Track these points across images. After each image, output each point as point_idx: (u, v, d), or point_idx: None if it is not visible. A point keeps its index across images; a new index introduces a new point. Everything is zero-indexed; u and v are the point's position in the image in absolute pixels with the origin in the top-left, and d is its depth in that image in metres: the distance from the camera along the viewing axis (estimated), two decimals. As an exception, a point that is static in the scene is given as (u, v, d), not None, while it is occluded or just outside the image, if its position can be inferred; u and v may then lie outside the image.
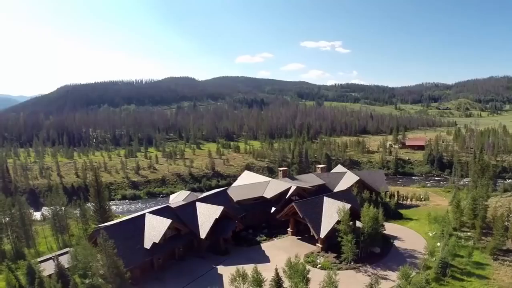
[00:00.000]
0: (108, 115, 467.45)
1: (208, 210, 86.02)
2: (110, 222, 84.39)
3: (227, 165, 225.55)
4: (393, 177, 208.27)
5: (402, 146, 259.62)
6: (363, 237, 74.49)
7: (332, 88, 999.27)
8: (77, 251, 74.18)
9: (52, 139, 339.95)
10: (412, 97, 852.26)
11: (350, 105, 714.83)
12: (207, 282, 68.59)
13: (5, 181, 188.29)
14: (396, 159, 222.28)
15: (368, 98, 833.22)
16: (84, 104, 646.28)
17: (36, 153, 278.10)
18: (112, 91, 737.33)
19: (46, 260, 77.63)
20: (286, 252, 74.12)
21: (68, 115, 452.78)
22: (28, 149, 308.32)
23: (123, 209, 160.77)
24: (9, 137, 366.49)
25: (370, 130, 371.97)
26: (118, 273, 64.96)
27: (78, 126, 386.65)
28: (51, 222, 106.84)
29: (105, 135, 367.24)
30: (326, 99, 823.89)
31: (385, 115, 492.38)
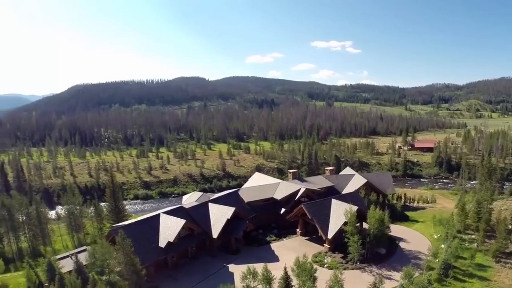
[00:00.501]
0: (119, 115, 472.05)
1: (220, 211, 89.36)
2: (126, 222, 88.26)
3: (238, 166, 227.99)
4: (401, 179, 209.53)
5: (411, 148, 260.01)
6: (369, 238, 77.30)
7: (343, 89, 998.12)
8: (95, 249, 77.57)
9: (64, 139, 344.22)
10: (423, 97, 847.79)
11: (360, 106, 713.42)
12: (218, 280, 71.11)
13: (20, 180, 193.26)
14: (404, 161, 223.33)
15: (379, 99, 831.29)
16: (96, 104, 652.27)
17: (49, 153, 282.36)
18: (123, 91, 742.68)
19: (64, 258, 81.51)
20: (295, 252, 76.91)
21: (80, 115, 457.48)
22: (41, 148, 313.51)
23: (136, 209, 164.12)
24: (22, 136, 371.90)
25: (379, 132, 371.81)
26: (135, 271, 68.44)
27: (90, 126, 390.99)
28: (67, 221, 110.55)
29: (117, 135, 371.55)
30: (336, 99, 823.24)
31: (395, 116, 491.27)
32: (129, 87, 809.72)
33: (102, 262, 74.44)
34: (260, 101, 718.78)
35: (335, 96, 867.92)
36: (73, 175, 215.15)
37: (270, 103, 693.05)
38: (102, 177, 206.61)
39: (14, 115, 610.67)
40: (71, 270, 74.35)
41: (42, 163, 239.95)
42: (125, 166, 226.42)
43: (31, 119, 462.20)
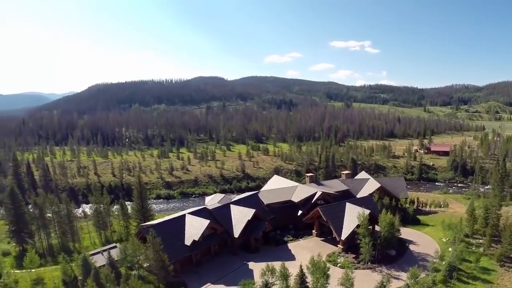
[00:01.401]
0: (139, 114, 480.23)
1: (241, 212, 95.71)
2: (155, 221, 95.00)
3: (257, 167, 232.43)
4: (417, 182, 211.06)
5: (427, 151, 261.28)
6: (380, 240, 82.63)
7: (361, 89, 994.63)
8: (126, 246, 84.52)
9: (86, 138, 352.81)
10: (442, 99, 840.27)
11: (379, 107, 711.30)
12: (239, 276, 77.11)
13: (46, 179, 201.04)
14: (420, 165, 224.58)
15: (397, 100, 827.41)
16: (116, 103, 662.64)
17: (72, 152, 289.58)
18: (142, 91, 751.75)
19: (96, 254, 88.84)
20: (310, 252, 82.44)
21: (101, 115, 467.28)
22: (64, 147, 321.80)
23: (159, 208, 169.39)
24: (44, 135, 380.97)
25: (397, 134, 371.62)
26: (163, 266, 75.28)
27: (111, 126, 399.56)
28: (94, 219, 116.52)
29: (138, 135, 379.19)
30: (355, 100, 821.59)
31: (412, 118, 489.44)
32: (148, 86, 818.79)
33: (132, 258, 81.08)
34: (279, 101, 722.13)
35: (353, 96, 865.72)
36: (97, 174, 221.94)
37: (289, 104, 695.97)
38: (126, 177, 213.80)
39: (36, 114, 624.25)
40: (103, 265, 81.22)
41: (66, 162, 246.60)
42: (147, 166, 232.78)
43: (53, 118, 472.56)
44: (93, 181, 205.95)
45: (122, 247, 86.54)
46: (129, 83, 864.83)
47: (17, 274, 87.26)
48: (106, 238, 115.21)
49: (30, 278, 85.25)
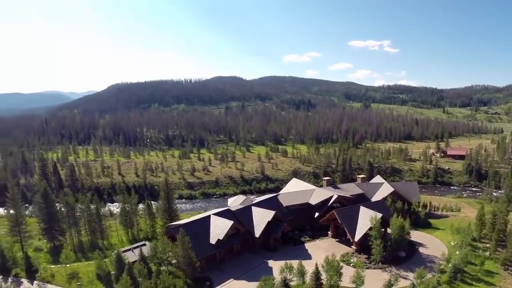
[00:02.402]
0: (160, 115, 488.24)
1: (262, 214, 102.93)
2: (183, 221, 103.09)
3: (276, 169, 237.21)
4: (432, 186, 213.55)
5: (443, 155, 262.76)
6: (390, 242, 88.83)
7: (380, 89, 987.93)
8: (157, 244, 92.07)
9: (108, 138, 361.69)
10: (461, 100, 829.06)
11: (397, 108, 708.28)
12: (259, 273, 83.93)
13: (73, 179, 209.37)
14: (436, 169, 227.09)
15: (416, 101, 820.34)
16: (135, 103, 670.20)
17: (94, 152, 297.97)
18: (162, 91, 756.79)
19: (127, 251, 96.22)
20: (326, 251, 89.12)
21: (123, 115, 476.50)
22: (86, 147, 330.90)
23: (181, 208, 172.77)
24: (67, 135, 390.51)
25: (414, 136, 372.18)
26: (191, 263, 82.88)
27: (133, 126, 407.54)
28: (122, 218, 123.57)
29: (159, 135, 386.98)
30: (373, 100, 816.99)
31: (431, 120, 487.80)
32: (168, 86, 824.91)
33: (162, 255, 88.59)
34: (297, 102, 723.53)
35: (372, 97, 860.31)
36: (121, 174, 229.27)
37: (307, 104, 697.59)
38: (149, 177, 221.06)
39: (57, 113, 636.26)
40: (135, 261, 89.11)
41: (90, 162, 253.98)
42: (169, 166, 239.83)
43: (75, 118, 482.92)
44: (117, 181, 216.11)
45: (152, 245, 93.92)
46: (148, 83, 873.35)
47: (52, 269, 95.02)
48: (133, 236, 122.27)
49: (65, 272, 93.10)
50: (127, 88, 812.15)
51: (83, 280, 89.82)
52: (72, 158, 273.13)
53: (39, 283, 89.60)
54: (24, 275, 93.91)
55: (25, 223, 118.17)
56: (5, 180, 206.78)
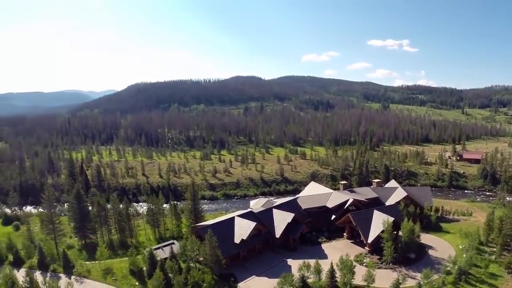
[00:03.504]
0: (180, 115, 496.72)
1: (282, 215, 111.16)
2: (209, 222, 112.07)
3: (294, 171, 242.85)
4: (446, 190, 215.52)
5: (459, 158, 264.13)
6: (401, 244, 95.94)
7: (399, 90, 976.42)
8: (186, 243, 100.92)
9: (130, 139, 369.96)
10: (480, 100, 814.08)
11: (416, 109, 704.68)
12: (279, 270, 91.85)
13: (99, 179, 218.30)
14: (451, 172, 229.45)
15: (435, 101, 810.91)
16: (155, 103, 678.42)
17: (117, 152, 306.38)
18: (181, 91, 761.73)
19: (157, 249, 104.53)
20: (341, 252, 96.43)
21: (145, 116, 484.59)
22: (109, 147, 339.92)
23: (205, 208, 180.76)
24: (89, 135, 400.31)
25: (432, 139, 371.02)
26: (217, 260, 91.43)
27: (154, 127, 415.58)
28: (149, 218, 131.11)
29: (180, 136, 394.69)
30: (392, 101, 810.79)
31: (448, 122, 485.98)
32: (187, 86, 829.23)
33: (190, 253, 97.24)
34: (316, 102, 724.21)
35: (391, 97, 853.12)
36: (145, 175, 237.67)
37: (326, 105, 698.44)
38: (172, 178, 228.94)
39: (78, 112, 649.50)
40: (166, 258, 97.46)
41: (114, 162, 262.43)
42: (191, 168, 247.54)
43: (97, 118, 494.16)
44: (142, 181, 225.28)
45: (182, 244, 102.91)
46: (167, 82, 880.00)
47: (87, 265, 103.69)
48: (159, 235, 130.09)
49: (100, 268, 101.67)
50: (147, 88, 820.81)
51: (117, 275, 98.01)
52: (96, 158, 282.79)
53: (76, 278, 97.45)
54: (61, 270, 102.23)
55: (58, 222, 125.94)
56: (33, 180, 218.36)
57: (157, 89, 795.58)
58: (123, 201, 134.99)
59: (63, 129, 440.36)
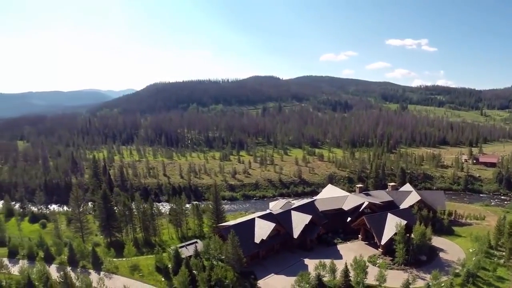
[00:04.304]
0: (200, 116, 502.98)
1: (300, 217, 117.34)
2: (231, 222, 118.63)
3: (312, 173, 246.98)
4: (462, 193, 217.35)
5: (475, 162, 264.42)
6: (412, 246, 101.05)
7: (417, 90, 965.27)
8: (209, 242, 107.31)
9: (150, 139, 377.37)
10: (500, 101, 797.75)
11: (434, 110, 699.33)
12: (297, 269, 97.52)
13: (123, 179, 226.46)
14: (466, 176, 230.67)
15: (454, 102, 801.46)
16: (174, 103, 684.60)
17: (138, 152, 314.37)
18: (199, 91, 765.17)
19: (181, 247, 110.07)
20: (355, 253, 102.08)
21: (164, 116, 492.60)
22: (130, 147, 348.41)
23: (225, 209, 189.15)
24: (110, 135, 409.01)
25: (449, 141, 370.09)
26: (239, 259, 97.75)
27: (174, 127, 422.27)
28: (172, 218, 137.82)
29: (199, 137, 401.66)
30: (410, 101, 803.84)
31: (466, 124, 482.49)
32: (205, 86, 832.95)
33: (213, 251, 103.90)
34: (334, 103, 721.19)
35: (409, 98, 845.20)
36: (166, 175, 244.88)
37: (344, 105, 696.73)
38: (193, 179, 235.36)
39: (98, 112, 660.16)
40: (190, 256, 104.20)
41: (135, 162, 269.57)
42: (211, 168, 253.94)
43: (117, 118, 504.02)
44: (163, 182, 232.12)
45: (205, 243, 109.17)
46: (186, 82, 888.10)
47: (115, 262, 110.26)
48: (182, 234, 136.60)
49: (127, 265, 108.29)
50: (166, 88, 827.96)
51: (144, 271, 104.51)
52: (117, 158, 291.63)
53: (105, 274, 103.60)
54: (90, 266, 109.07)
55: (86, 220, 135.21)
56: (57, 179, 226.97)
57: (176, 89, 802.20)
58: (147, 201, 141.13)
59: (84, 129, 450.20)
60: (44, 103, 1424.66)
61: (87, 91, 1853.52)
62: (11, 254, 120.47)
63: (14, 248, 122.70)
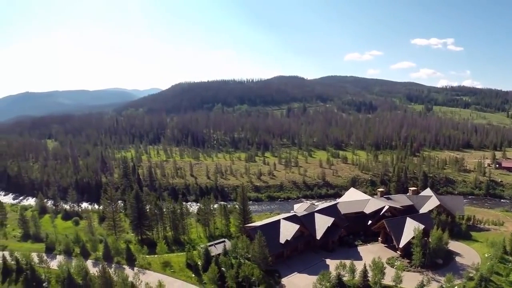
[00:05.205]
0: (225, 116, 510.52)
1: (323, 219, 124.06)
2: (258, 223, 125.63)
3: (336, 176, 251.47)
4: (483, 198, 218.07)
5: (498, 166, 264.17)
6: (429, 250, 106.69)
7: (442, 91, 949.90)
8: (237, 242, 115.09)
9: (177, 139, 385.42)
10: None
11: (460, 111, 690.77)
12: (319, 268, 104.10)
13: (151, 179, 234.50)
14: (488, 181, 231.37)
15: (480, 104, 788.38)
16: (199, 103, 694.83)
17: (164, 152, 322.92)
18: (224, 91, 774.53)
19: (210, 246, 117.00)
20: (374, 254, 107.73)
21: (190, 116, 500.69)
22: (156, 147, 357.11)
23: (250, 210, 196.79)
24: (137, 134, 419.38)
25: (473, 145, 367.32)
26: (265, 258, 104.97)
27: (200, 127, 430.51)
28: (200, 217, 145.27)
29: (225, 137, 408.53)
30: (435, 103, 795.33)
31: (491, 126, 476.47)
32: (230, 86, 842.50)
33: (241, 250, 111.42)
34: (358, 104, 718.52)
35: (434, 99, 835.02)
36: (193, 176, 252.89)
37: (368, 106, 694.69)
38: (219, 180, 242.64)
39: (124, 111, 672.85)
40: (219, 254, 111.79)
41: (162, 162, 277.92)
42: (237, 170, 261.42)
43: (143, 118, 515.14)
44: (191, 182, 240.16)
45: (233, 242, 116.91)
46: (211, 82, 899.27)
47: (148, 258, 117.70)
48: (209, 233, 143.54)
49: (159, 261, 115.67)
50: (191, 88, 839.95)
51: (175, 268, 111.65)
52: (145, 158, 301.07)
53: (138, 269, 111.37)
54: (124, 262, 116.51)
55: (119, 219, 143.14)
56: (88, 178, 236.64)
57: (201, 89, 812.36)
58: (177, 201, 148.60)
59: (111, 128, 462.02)
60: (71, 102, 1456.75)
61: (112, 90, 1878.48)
62: (48, 250, 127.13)
63: (51, 244, 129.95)
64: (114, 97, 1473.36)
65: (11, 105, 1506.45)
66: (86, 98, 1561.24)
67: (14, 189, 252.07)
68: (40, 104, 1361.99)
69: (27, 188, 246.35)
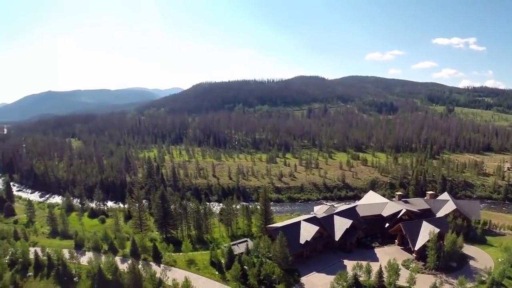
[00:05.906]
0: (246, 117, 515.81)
1: (342, 221, 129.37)
2: (280, 224, 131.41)
3: (355, 178, 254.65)
4: (501, 202, 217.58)
5: None
6: (443, 253, 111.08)
7: (464, 92, 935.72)
8: (259, 242, 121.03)
9: (198, 139, 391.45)
10: None
11: (481, 113, 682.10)
12: (336, 268, 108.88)
13: (175, 179, 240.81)
14: (507, 185, 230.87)
15: (502, 105, 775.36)
16: (220, 103, 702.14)
17: (187, 152, 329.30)
18: (245, 91, 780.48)
19: (233, 245, 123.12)
20: (390, 256, 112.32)
21: (212, 116, 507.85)
22: (179, 147, 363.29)
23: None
24: (159, 134, 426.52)
25: (493, 148, 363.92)
26: (285, 257, 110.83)
27: (222, 128, 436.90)
28: (223, 217, 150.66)
29: (246, 138, 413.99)
30: (457, 104, 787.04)
31: None
32: (251, 87, 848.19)
33: (263, 249, 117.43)
34: (379, 104, 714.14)
35: (456, 100, 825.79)
36: (215, 176, 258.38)
37: (389, 107, 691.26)
38: (241, 180, 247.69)
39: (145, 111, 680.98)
40: (242, 253, 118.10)
41: (184, 162, 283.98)
42: (258, 171, 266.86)
43: (166, 118, 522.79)
44: (213, 182, 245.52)
45: (255, 242, 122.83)
46: (232, 82, 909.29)
47: (173, 256, 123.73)
48: (232, 233, 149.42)
49: (184, 259, 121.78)
50: (212, 88, 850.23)
51: (199, 265, 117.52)
52: (167, 158, 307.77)
53: (165, 266, 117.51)
54: (151, 259, 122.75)
55: (145, 218, 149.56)
56: (113, 178, 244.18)
57: (222, 89, 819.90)
58: (201, 201, 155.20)
59: (134, 128, 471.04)
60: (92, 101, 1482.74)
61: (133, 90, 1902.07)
62: (77, 246, 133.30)
63: (80, 240, 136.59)
64: (135, 96, 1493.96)
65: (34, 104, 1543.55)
66: (107, 97, 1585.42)
67: (40, 188, 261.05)
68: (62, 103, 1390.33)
69: (53, 187, 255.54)
